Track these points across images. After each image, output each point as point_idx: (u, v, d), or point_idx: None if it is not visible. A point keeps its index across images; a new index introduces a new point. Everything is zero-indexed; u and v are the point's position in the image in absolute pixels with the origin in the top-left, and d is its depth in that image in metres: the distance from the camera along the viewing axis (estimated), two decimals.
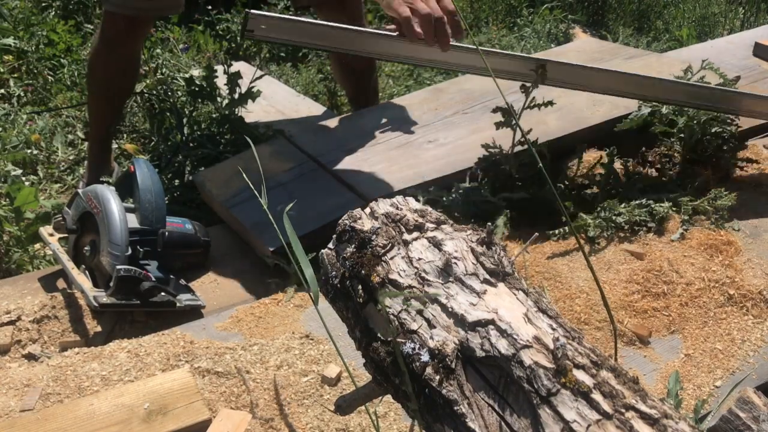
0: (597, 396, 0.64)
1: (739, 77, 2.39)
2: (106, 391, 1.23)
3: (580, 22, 3.82)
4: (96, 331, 1.47)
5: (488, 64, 1.20)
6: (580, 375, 0.65)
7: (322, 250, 0.87)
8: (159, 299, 1.49)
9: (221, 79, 2.30)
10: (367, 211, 0.86)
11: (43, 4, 3.40)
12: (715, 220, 1.68)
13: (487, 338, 0.68)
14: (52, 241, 1.64)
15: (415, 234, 0.81)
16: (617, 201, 1.69)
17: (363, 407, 0.91)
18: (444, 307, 0.73)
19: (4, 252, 1.82)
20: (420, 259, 0.78)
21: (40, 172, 2.32)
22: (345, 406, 0.89)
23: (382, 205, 0.86)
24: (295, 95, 2.70)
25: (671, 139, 1.98)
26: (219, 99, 2.28)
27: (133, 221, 1.59)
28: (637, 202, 1.69)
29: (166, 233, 1.59)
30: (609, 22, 3.99)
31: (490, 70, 1.16)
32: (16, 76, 2.86)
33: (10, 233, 1.82)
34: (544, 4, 3.75)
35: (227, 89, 2.23)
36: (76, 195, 1.62)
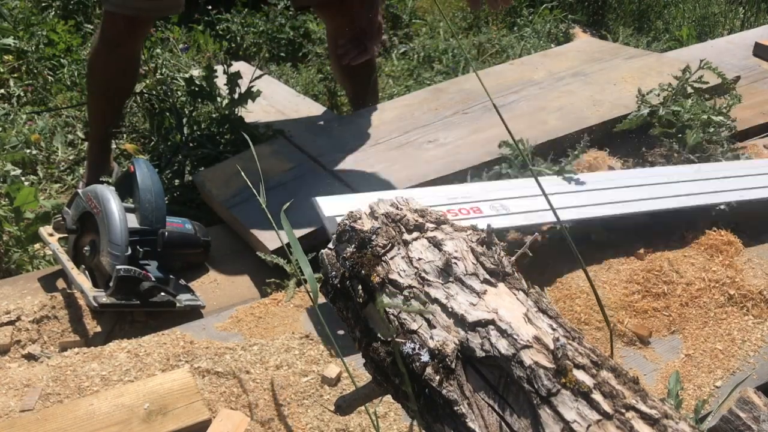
0: (597, 396, 0.64)
1: (739, 77, 2.40)
2: (106, 391, 1.22)
3: (580, 22, 3.82)
4: (96, 331, 1.47)
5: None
6: (581, 375, 0.65)
7: (322, 250, 0.87)
8: (159, 299, 1.48)
9: (221, 79, 2.30)
10: (367, 211, 0.86)
11: (43, 4, 3.39)
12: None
13: (487, 338, 0.68)
14: (52, 241, 1.64)
15: (415, 234, 0.81)
16: None
17: (363, 407, 0.91)
18: (444, 307, 0.73)
19: (3, 252, 1.82)
20: (420, 259, 0.78)
21: (40, 172, 2.32)
22: (345, 407, 0.89)
23: (382, 205, 0.86)
24: (295, 95, 2.70)
25: (671, 140, 1.98)
26: (219, 99, 2.28)
27: (133, 221, 1.59)
28: None
29: (166, 233, 1.59)
30: (609, 22, 3.98)
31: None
32: (16, 76, 2.86)
33: (9, 233, 1.82)
34: (544, 4, 3.75)
35: (227, 89, 2.23)
36: (76, 195, 1.62)
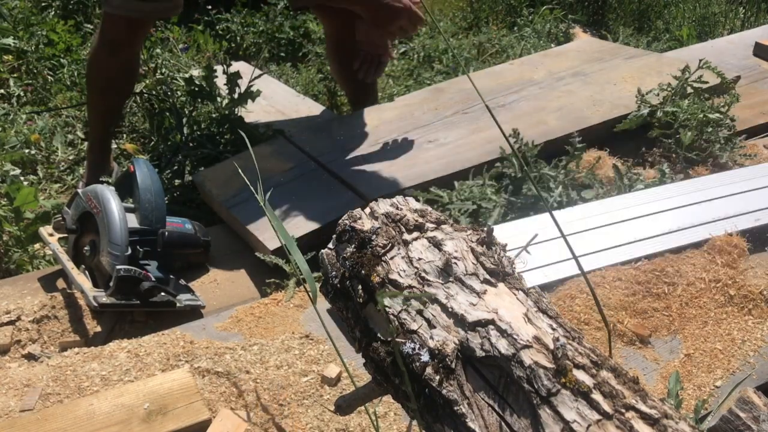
0: (597, 396, 0.64)
1: (740, 77, 2.40)
2: (106, 391, 1.22)
3: (580, 22, 3.82)
4: (96, 331, 1.47)
5: None
6: (580, 375, 0.65)
7: (322, 250, 0.87)
8: (159, 299, 1.48)
9: (221, 79, 2.30)
10: (367, 211, 0.86)
11: (43, 4, 3.39)
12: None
13: (487, 338, 0.68)
14: (52, 241, 1.64)
15: (415, 234, 0.81)
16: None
17: (363, 407, 0.91)
18: (444, 307, 0.73)
19: (4, 252, 1.82)
20: (420, 259, 0.78)
21: (40, 172, 2.32)
22: (345, 406, 0.89)
23: (382, 205, 0.86)
24: (295, 95, 2.70)
25: (670, 140, 1.98)
26: (219, 99, 2.28)
27: (133, 221, 1.59)
28: None
29: (166, 233, 1.59)
30: (609, 21, 3.98)
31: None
32: (15, 76, 2.86)
33: (9, 233, 1.82)
34: (544, 4, 3.75)
35: (227, 89, 2.23)
36: (76, 195, 1.62)
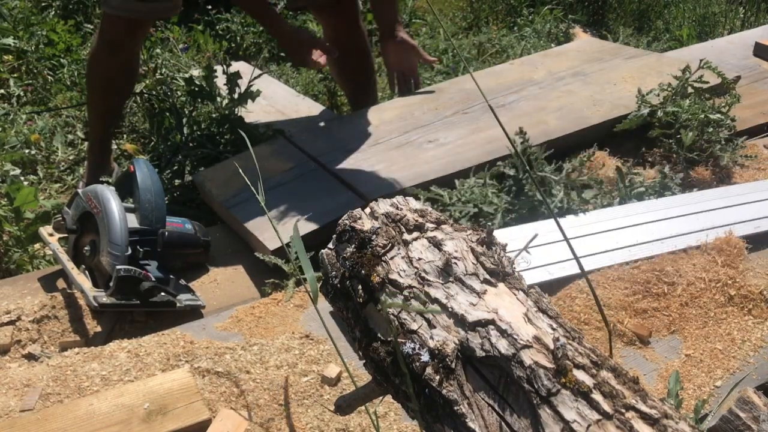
0: (597, 396, 0.64)
1: (740, 77, 2.40)
2: (106, 391, 1.23)
3: (581, 22, 3.82)
4: (96, 331, 1.47)
5: None
6: (580, 375, 0.65)
7: (322, 250, 0.87)
8: (159, 299, 1.48)
9: (221, 79, 2.30)
10: (367, 211, 0.86)
11: (43, 4, 3.39)
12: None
13: (488, 338, 0.68)
14: (52, 241, 1.64)
15: (415, 234, 0.81)
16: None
17: (363, 407, 0.91)
18: (444, 307, 0.73)
19: (4, 252, 1.82)
20: (420, 259, 0.78)
21: (40, 172, 2.32)
22: (345, 406, 0.89)
23: (382, 205, 0.86)
24: (295, 95, 2.70)
25: (670, 140, 1.98)
26: (219, 99, 2.28)
27: (133, 221, 1.59)
28: None
29: (166, 233, 1.59)
30: (609, 21, 3.98)
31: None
32: (15, 76, 2.86)
33: (10, 233, 1.82)
34: (544, 4, 3.75)
35: (227, 89, 2.23)
36: (76, 195, 1.62)
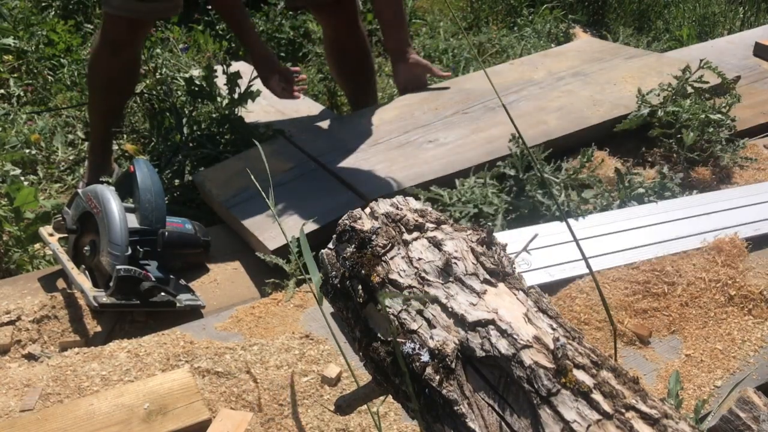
0: (597, 396, 0.64)
1: (740, 77, 2.40)
2: (106, 391, 1.23)
3: (581, 22, 3.82)
4: (96, 331, 1.47)
5: None
6: (581, 375, 0.65)
7: (322, 250, 0.87)
8: (159, 299, 1.48)
9: (221, 79, 2.30)
10: (367, 211, 0.86)
11: (43, 4, 3.39)
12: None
13: (487, 338, 0.68)
14: (52, 241, 1.64)
15: (415, 234, 0.81)
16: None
17: (363, 407, 0.91)
18: (444, 307, 0.73)
19: (4, 252, 1.82)
20: (420, 259, 0.78)
21: (40, 172, 2.32)
22: (345, 406, 0.89)
23: (382, 205, 0.86)
24: None
25: (670, 140, 1.98)
26: (219, 99, 2.28)
27: (133, 221, 1.59)
28: None
29: (166, 233, 1.59)
30: (609, 21, 3.98)
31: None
32: (16, 76, 2.86)
33: (10, 233, 1.82)
34: (544, 4, 3.75)
35: (227, 89, 2.23)
36: (76, 195, 1.62)
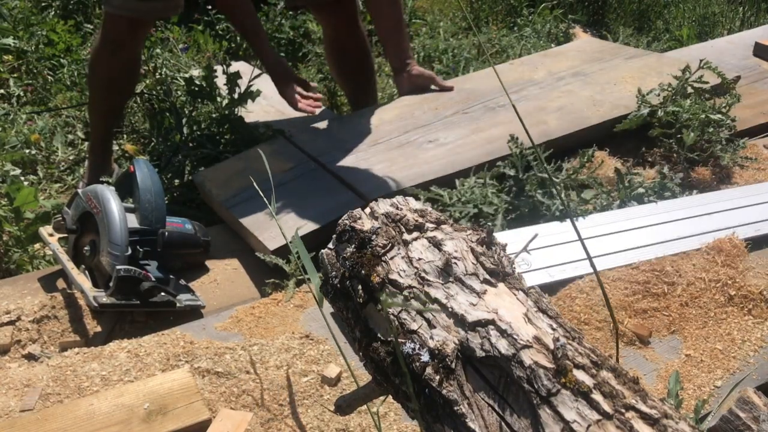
0: (597, 396, 0.64)
1: (740, 77, 2.40)
2: (106, 391, 1.23)
3: (580, 22, 3.82)
4: (96, 331, 1.47)
5: None
6: (580, 375, 0.65)
7: (322, 250, 0.87)
8: (159, 299, 1.48)
9: (221, 79, 2.30)
10: (367, 211, 0.86)
11: (43, 4, 3.39)
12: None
13: (487, 338, 0.68)
14: (52, 241, 1.64)
15: (415, 234, 0.81)
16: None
17: (363, 407, 0.91)
18: (444, 307, 0.73)
19: (4, 252, 1.82)
20: (420, 259, 0.78)
21: (40, 172, 2.32)
22: (345, 406, 0.89)
23: (382, 205, 0.86)
24: None
25: (670, 140, 1.98)
26: (219, 99, 2.28)
27: (133, 221, 1.59)
28: None
29: (166, 233, 1.59)
30: (609, 21, 3.98)
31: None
32: (15, 76, 2.86)
33: (10, 233, 1.82)
34: (544, 4, 3.75)
35: (227, 89, 2.23)
36: (76, 195, 1.62)
